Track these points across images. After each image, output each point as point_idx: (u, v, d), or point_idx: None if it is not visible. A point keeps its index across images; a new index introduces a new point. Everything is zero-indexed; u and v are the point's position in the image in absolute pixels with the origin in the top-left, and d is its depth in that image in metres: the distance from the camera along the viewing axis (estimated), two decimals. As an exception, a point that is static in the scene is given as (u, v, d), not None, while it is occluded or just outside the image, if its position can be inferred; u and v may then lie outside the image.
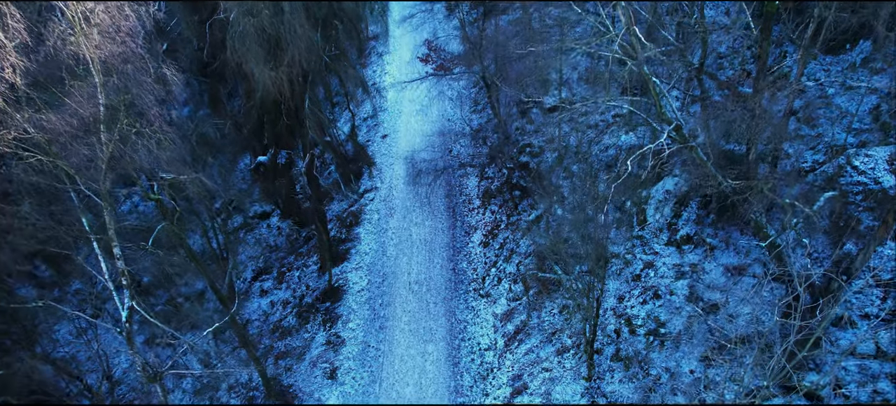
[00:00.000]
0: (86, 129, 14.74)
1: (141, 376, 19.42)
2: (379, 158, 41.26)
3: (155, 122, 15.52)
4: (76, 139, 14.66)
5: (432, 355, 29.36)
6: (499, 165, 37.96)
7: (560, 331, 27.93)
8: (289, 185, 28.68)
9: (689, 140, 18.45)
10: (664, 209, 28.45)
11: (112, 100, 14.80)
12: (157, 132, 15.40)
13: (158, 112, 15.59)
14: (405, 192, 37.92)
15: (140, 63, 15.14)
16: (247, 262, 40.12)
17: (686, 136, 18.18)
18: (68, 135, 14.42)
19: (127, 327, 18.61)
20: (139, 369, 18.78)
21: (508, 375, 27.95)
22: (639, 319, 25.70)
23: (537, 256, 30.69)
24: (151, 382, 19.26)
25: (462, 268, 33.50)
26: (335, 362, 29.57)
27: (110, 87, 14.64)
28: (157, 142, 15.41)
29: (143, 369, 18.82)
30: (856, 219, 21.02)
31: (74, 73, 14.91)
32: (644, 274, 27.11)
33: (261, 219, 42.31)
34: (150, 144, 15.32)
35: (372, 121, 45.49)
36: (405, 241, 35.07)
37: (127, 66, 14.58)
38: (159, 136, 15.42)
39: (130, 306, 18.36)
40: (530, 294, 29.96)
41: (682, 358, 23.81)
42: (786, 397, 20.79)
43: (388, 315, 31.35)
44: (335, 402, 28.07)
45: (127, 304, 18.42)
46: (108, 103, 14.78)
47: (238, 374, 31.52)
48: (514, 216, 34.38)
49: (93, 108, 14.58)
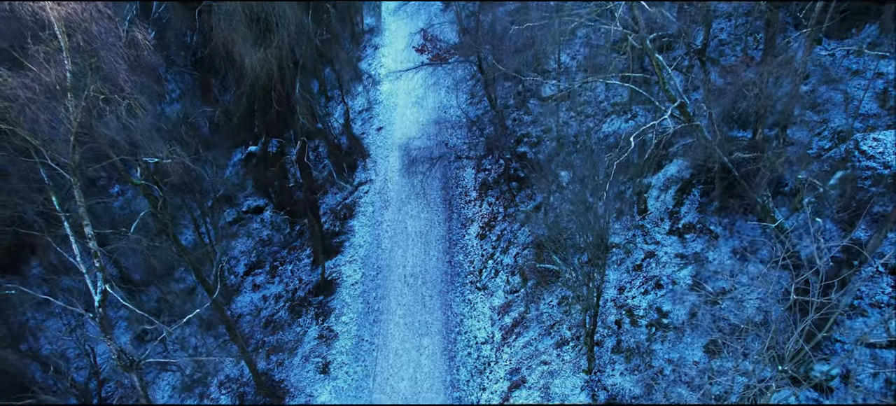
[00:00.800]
0: (50, 95, 13.78)
1: (116, 365, 18.51)
2: (374, 151, 40.44)
3: (125, 88, 14.55)
4: (40, 107, 13.73)
5: (428, 349, 28.53)
6: (496, 156, 37.17)
7: (559, 323, 27.12)
8: (280, 175, 27.81)
9: (693, 119, 17.66)
10: (665, 197, 27.67)
11: (78, 64, 13.82)
12: (128, 97, 14.43)
13: (129, 77, 14.64)
14: (400, 185, 37.10)
15: (108, 24, 14.20)
16: (239, 256, 39.31)
17: (690, 114, 17.40)
18: (31, 101, 13.47)
19: (100, 312, 17.68)
20: (114, 357, 17.89)
21: (506, 369, 27.12)
22: (640, 310, 24.90)
23: (535, 247, 29.90)
24: (127, 371, 18.35)
25: (458, 260, 32.68)
26: (328, 356, 28.73)
27: (76, 49, 13.64)
28: (128, 109, 14.46)
29: (119, 357, 17.93)
30: (867, 200, 20.23)
31: (38, 36, 13.99)
32: (645, 264, 26.32)
33: (254, 213, 41.48)
34: (120, 112, 14.38)
35: (367, 114, 44.66)
36: (400, 233, 34.24)
37: (93, 26, 13.63)
38: (130, 103, 14.45)
39: (104, 290, 17.45)
40: (528, 286, 29.16)
41: (686, 349, 23.02)
42: (794, 389, 19.99)
43: (383, 308, 30.52)
44: (327, 397, 27.22)
45: (100, 288, 17.50)
46: (74, 69, 13.83)
47: (225, 367, 30.67)
48: (512, 208, 33.57)
49: (58, 74, 13.62)
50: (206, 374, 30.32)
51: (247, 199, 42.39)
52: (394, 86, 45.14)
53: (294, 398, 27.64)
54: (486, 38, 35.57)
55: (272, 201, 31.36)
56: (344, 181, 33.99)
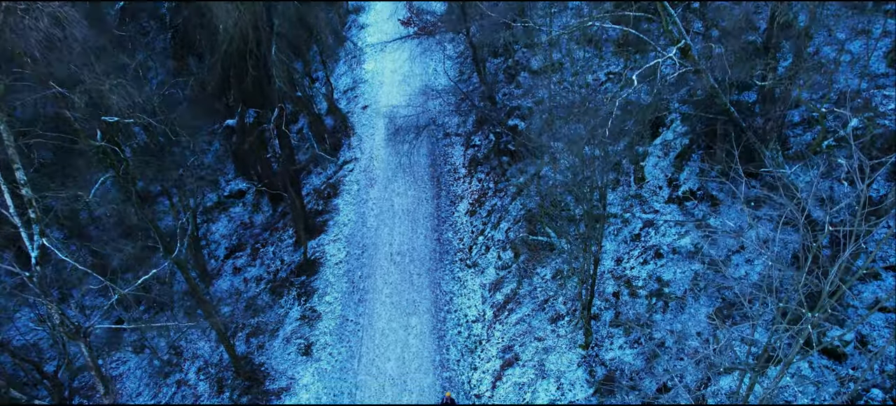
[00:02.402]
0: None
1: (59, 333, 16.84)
2: (359, 129, 38.92)
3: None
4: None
5: (416, 328, 27.11)
6: (486, 132, 35.77)
7: (553, 297, 25.77)
8: (259, 146, 26.20)
9: (698, 63, 16.31)
10: (663, 164, 26.37)
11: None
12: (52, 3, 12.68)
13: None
14: (387, 162, 35.63)
15: None
16: (220, 240, 37.74)
17: (695, 58, 16.04)
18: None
19: (37, 271, 15.97)
20: (57, 323, 16.27)
21: (498, 347, 25.75)
22: (639, 281, 23.59)
23: (528, 220, 28.54)
24: (72, 339, 16.72)
25: (447, 238, 31.27)
26: (310, 338, 27.24)
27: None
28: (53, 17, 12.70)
29: (62, 324, 16.29)
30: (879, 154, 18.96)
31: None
32: (644, 233, 25.00)
33: (236, 197, 39.96)
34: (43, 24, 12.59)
35: (351, 93, 43.12)
36: (386, 211, 32.78)
37: None
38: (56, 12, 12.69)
39: (42, 245, 15.78)
40: (520, 260, 27.79)
41: (689, 319, 21.71)
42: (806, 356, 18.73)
43: (368, 288, 29.06)
44: (310, 379, 25.73)
45: (37, 243, 15.81)
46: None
47: (203, 352, 29.11)
48: (503, 182, 32.19)
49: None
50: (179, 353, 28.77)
51: (229, 183, 40.87)
52: (379, 65, 43.66)
53: (275, 382, 26.15)
54: (475, 10, 34.15)
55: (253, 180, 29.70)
56: (326, 154, 32.42)
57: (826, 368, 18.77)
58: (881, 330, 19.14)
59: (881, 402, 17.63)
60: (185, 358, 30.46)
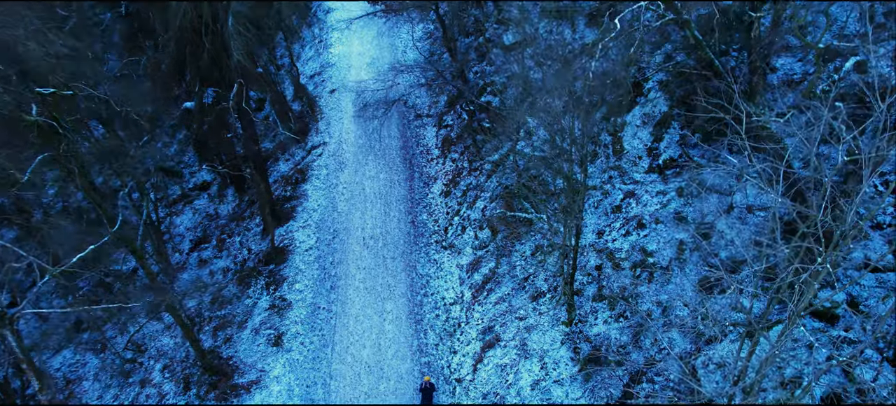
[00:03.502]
0: None
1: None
2: (327, 112, 37.53)
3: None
4: None
5: (391, 314, 25.95)
6: (458, 112, 34.69)
7: (533, 275, 24.83)
8: (218, 125, 24.66)
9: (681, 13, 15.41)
10: (642, 134, 25.57)
11: None
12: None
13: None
14: (357, 146, 34.34)
15: None
16: (184, 233, 36.10)
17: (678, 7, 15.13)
18: None
19: None
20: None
21: (478, 329, 24.74)
22: (622, 252, 22.76)
23: (504, 197, 27.55)
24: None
25: (422, 220, 30.13)
26: (281, 328, 25.90)
27: None
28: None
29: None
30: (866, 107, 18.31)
31: None
32: (625, 204, 24.19)
33: (201, 189, 38.35)
34: None
35: (319, 77, 41.67)
36: (358, 195, 31.50)
37: None
38: None
39: None
40: (498, 239, 26.79)
41: (675, 290, 20.93)
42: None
43: (341, 274, 27.80)
44: (281, 370, 24.40)
45: None
46: None
47: (168, 350, 27.59)
48: (477, 161, 31.15)
49: None
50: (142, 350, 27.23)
51: (194, 175, 39.22)
52: (347, 48, 42.29)
53: (244, 375, 24.77)
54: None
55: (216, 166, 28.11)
56: (291, 133, 30.92)
57: (818, 331, 18.12)
58: (872, 290, 18.56)
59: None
60: (149, 356, 28.91)
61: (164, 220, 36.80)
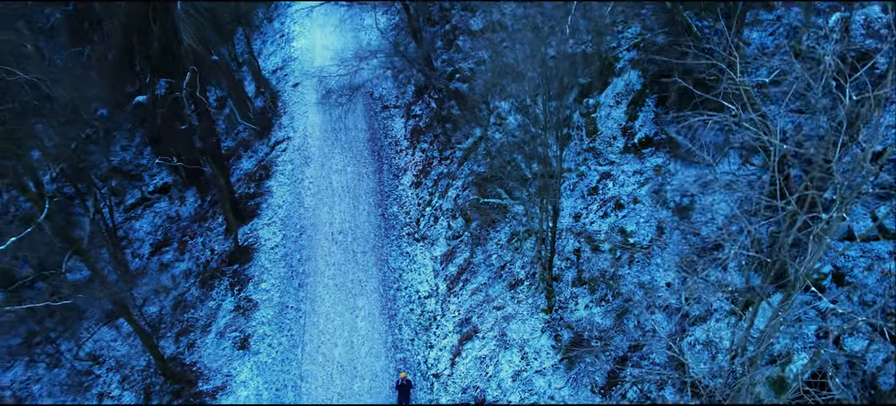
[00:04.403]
0: None
1: None
2: (291, 107, 36.20)
3: None
4: None
5: (364, 310, 24.84)
6: (426, 101, 33.68)
7: (510, 263, 23.96)
8: (172, 117, 23.11)
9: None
10: (616, 113, 24.88)
11: None
12: None
13: None
14: (322, 140, 33.09)
15: None
16: (144, 237, 34.42)
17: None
18: None
19: None
20: None
21: (454, 321, 23.79)
22: (601, 235, 22.02)
23: (477, 184, 26.65)
24: None
25: (392, 212, 29.05)
26: (247, 329, 24.58)
27: None
28: None
29: None
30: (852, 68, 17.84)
31: None
32: (601, 185, 23.47)
33: (162, 192, 36.73)
34: None
35: (281, 72, 40.28)
36: (325, 189, 30.28)
37: None
38: None
39: None
40: (472, 227, 25.87)
41: (657, 270, 20.25)
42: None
43: (309, 271, 26.57)
44: (248, 374, 23.10)
45: None
46: None
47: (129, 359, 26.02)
48: (448, 150, 30.19)
49: None
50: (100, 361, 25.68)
51: (154, 179, 37.57)
52: (309, 41, 41.01)
53: (209, 381, 23.40)
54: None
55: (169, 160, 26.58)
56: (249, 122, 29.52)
57: (804, 304, 17.56)
58: (857, 260, 18.09)
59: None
60: (107, 367, 27.31)
61: (123, 225, 35.11)
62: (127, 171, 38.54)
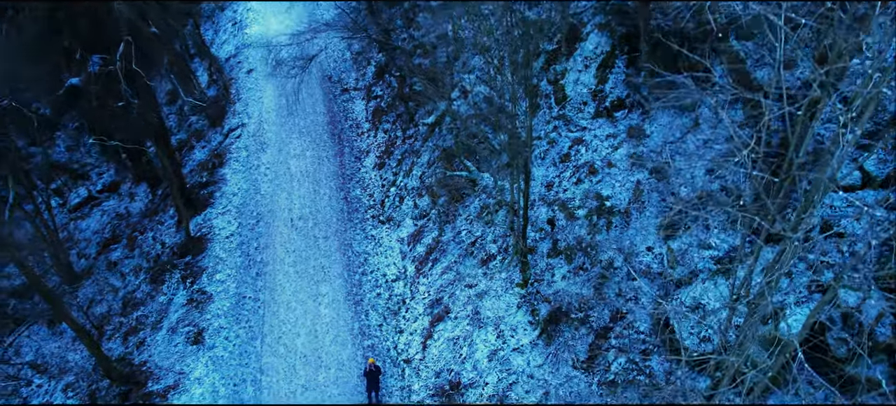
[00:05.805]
0: None
1: None
2: (245, 94, 34.35)
3: None
4: None
5: (327, 297, 23.27)
6: (387, 80, 32.21)
7: (481, 238, 22.66)
8: (106, 94, 21.13)
9: None
10: (585, 78, 23.77)
11: None
12: None
13: None
14: (279, 125, 31.36)
15: None
16: (91, 237, 32.20)
17: None
18: None
19: None
20: None
21: (425, 303, 22.39)
22: (575, 201, 20.84)
23: (444, 159, 25.29)
24: None
25: (355, 195, 27.53)
26: (201, 323, 22.79)
27: None
28: None
29: None
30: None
31: None
32: (573, 151, 22.32)
33: (110, 190, 34.52)
34: None
35: (235, 59, 38.34)
36: (282, 175, 28.58)
37: None
38: None
39: None
40: (440, 204, 24.50)
41: (636, 235, 19.15)
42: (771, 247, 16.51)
43: (267, 259, 24.88)
44: (203, 370, 21.34)
45: None
46: None
47: (75, 364, 23.97)
48: (412, 128, 28.78)
49: None
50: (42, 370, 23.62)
51: (101, 177, 35.31)
52: (265, 27, 39.15)
53: (160, 380, 21.56)
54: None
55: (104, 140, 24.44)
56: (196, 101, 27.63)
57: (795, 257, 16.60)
58: (844, 210, 17.24)
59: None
60: (50, 375, 25.18)
61: (67, 225, 32.85)
62: (72, 170, 36.22)
